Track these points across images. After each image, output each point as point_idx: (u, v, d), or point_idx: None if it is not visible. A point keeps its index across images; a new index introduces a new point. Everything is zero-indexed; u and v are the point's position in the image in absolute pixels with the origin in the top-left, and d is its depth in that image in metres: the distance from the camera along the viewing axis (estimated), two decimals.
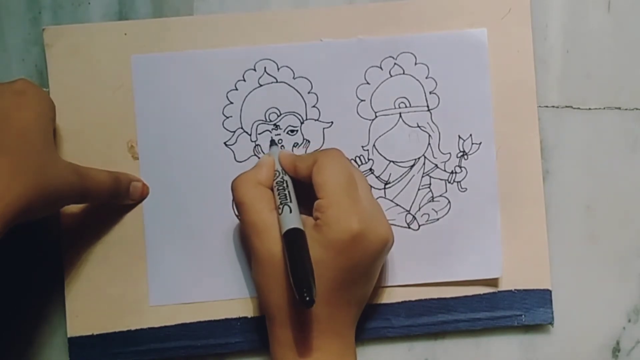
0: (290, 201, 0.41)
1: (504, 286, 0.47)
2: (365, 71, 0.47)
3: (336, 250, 0.39)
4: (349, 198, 0.40)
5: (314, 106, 0.47)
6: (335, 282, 0.40)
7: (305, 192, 0.42)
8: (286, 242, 0.39)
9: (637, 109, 0.48)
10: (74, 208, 0.46)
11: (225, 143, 0.47)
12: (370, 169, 0.47)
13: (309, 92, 0.47)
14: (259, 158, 0.47)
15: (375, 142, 0.47)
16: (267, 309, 0.42)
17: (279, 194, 0.42)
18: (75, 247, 0.46)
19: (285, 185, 0.42)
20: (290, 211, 0.40)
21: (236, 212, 0.46)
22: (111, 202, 0.45)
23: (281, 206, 0.41)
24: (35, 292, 0.46)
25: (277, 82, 0.47)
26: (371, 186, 0.47)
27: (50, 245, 0.46)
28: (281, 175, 0.43)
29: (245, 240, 0.42)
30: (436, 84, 0.47)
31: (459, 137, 0.47)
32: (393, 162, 0.47)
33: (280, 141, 0.47)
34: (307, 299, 0.36)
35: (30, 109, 0.40)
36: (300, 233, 0.39)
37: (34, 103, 0.41)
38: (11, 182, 0.36)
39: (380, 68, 0.47)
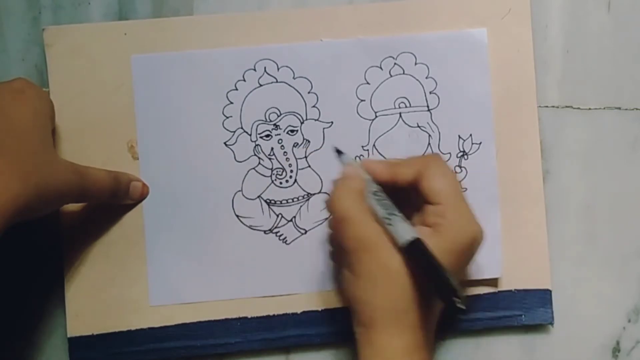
0: (398, 211, 0.40)
1: (504, 286, 0.47)
2: (365, 71, 0.47)
3: (458, 253, 0.40)
4: (464, 201, 0.41)
5: (314, 106, 0.47)
6: None
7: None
8: (414, 253, 0.38)
9: (637, 109, 0.48)
10: (74, 208, 0.46)
11: (225, 143, 0.47)
12: None
13: (309, 92, 0.47)
14: (259, 158, 0.47)
15: (375, 142, 0.47)
16: (370, 320, 0.40)
17: (381, 205, 0.40)
18: (75, 247, 0.46)
19: (383, 194, 0.41)
20: (403, 221, 0.39)
21: (242, 219, 0.46)
22: (111, 201, 0.45)
23: (390, 217, 0.40)
24: (35, 292, 0.46)
25: (277, 82, 0.47)
26: None
27: (51, 245, 0.46)
28: (374, 184, 0.41)
29: (343, 255, 0.41)
30: (436, 84, 0.47)
31: (459, 137, 0.47)
32: None
33: (280, 141, 0.47)
34: (462, 307, 0.36)
35: (29, 108, 0.40)
36: (423, 243, 0.38)
37: (33, 102, 0.41)
38: (10, 181, 0.36)
39: (380, 68, 0.47)
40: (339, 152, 0.44)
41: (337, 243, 0.42)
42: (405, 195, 0.42)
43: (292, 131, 0.47)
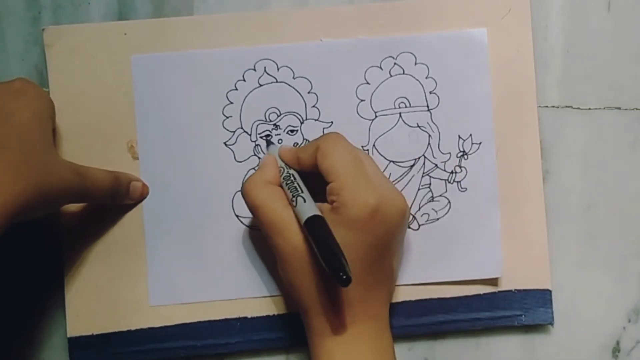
0: (302, 192, 0.41)
1: (504, 286, 0.47)
2: (365, 71, 0.47)
3: (358, 228, 0.40)
4: (360, 176, 0.41)
5: (313, 106, 0.47)
6: (361, 262, 0.40)
7: (312, 182, 0.42)
8: (309, 229, 0.39)
9: (637, 109, 0.48)
10: (74, 208, 0.46)
11: (225, 143, 0.47)
12: None
13: (309, 92, 0.47)
14: (259, 158, 0.47)
15: (375, 142, 0.47)
16: (300, 302, 0.41)
17: (288, 188, 0.42)
18: (75, 247, 0.46)
19: (293, 178, 0.42)
20: (305, 201, 0.40)
21: (242, 219, 0.46)
22: (111, 202, 0.45)
23: (294, 199, 0.41)
24: (35, 292, 0.46)
25: (277, 82, 0.47)
26: None
27: (51, 245, 0.46)
28: (286, 170, 0.43)
29: (267, 241, 0.42)
30: (436, 84, 0.47)
31: (459, 137, 0.47)
32: (393, 162, 0.47)
33: (280, 141, 0.47)
34: (345, 277, 0.36)
35: (30, 107, 0.40)
36: (320, 218, 0.39)
37: (33, 102, 0.41)
38: (10, 180, 0.36)
39: (380, 68, 0.47)
40: (268, 142, 0.46)
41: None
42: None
43: (292, 131, 0.47)
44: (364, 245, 0.40)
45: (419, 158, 0.47)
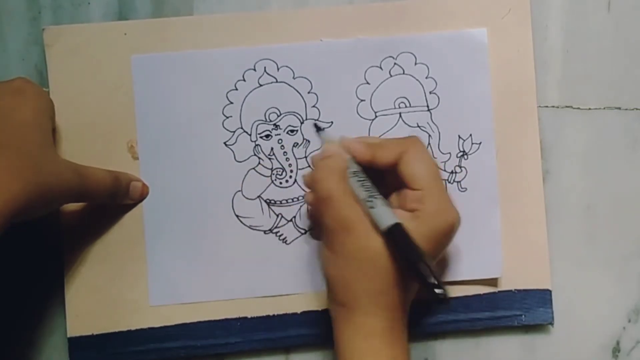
0: (378, 194, 0.40)
1: (504, 286, 0.47)
2: (365, 71, 0.47)
3: (436, 240, 0.40)
4: (443, 189, 0.41)
5: (314, 106, 0.47)
6: None
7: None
8: (394, 237, 0.38)
9: (637, 109, 0.48)
10: (74, 208, 0.46)
11: (225, 143, 0.47)
12: None
13: (309, 92, 0.47)
14: (259, 158, 0.47)
15: None
16: (348, 300, 0.40)
17: (362, 185, 0.40)
18: (75, 247, 0.46)
19: (364, 175, 0.41)
20: (385, 204, 0.40)
21: (242, 219, 0.46)
22: (110, 201, 0.45)
23: (371, 199, 0.39)
24: (35, 292, 0.46)
25: (277, 82, 0.47)
26: None
27: (51, 246, 0.46)
28: (355, 165, 0.41)
29: (325, 234, 0.41)
30: (436, 84, 0.47)
31: (459, 137, 0.47)
32: None
33: (280, 141, 0.47)
34: (443, 296, 0.36)
35: (29, 107, 0.40)
36: (403, 228, 0.38)
37: (33, 101, 0.41)
38: (10, 179, 0.36)
39: (380, 68, 0.47)
40: (318, 127, 0.45)
41: (318, 220, 0.42)
42: (382, 175, 0.42)
43: (292, 131, 0.47)
44: (431, 256, 0.40)
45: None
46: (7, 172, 0.36)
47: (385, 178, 0.42)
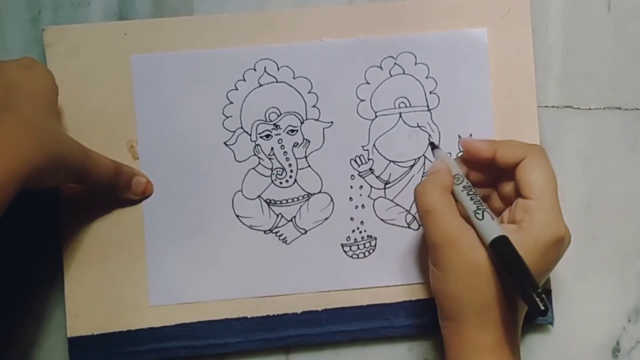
0: (486, 206, 0.40)
1: None
2: (365, 71, 0.47)
3: (540, 254, 0.39)
4: (556, 202, 0.40)
5: (314, 106, 0.47)
6: None
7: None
8: (498, 250, 0.38)
9: (637, 109, 0.48)
10: (74, 208, 0.46)
11: (225, 143, 0.47)
12: (370, 169, 0.47)
13: (309, 92, 0.47)
14: (259, 158, 0.47)
15: (375, 142, 0.47)
16: (458, 314, 0.40)
17: (471, 199, 0.40)
18: (76, 247, 0.46)
19: (473, 189, 0.41)
20: (492, 217, 0.39)
21: (242, 219, 0.46)
22: (111, 190, 0.45)
23: (479, 211, 0.39)
24: (35, 292, 0.46)
25: (277, 82, 0.47)
26: (371, 186, 0.47)
27: (51, 245, 0.46)
28: (464, 179, 0.42)
29: (430, 249, 0.41)
30: (436, 84, 0.47)
31: (459, 137, 0.47)
32: (393, 162, 0.47)
33: (280, 141, 0.47)
34: (543, 308, 0.35)
35: (38, 81, 0.41)
36: (507, 241, 0.38)
37: (41, 77, 0.42)
38: (26, 141, 0.36)
39: (380, 68, 0.47)
40: (433, 145, 0.45)
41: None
42: (496, 190, 0.42)
43: (292, 131, 0.47)
44: (537, 271, 0.39)
45: (419, 158, 0.47)
46: (24, 134, 0.37)
47: (499, 192, 0.43)
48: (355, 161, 0.47)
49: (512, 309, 0.40)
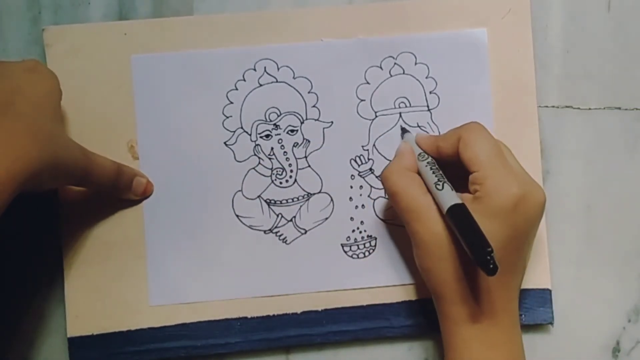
0: (446, 180, 0.41)
1: None
2: (365, 71, 0.47)
3: (500, 218, 0.40)
4: (503, 166, 0.41)
5: (314, 106, 0.47)
6: (501, 251, 0.40)
7: (446, 172, 0.42)
8: (452, 218, 0.39)
9: (637, 109, 0.48)
10: (75, 208, 0.46)
11: (225, 143, 0.47)
12: (370, 169, 0.47)
13: (309, 92, 0.47)
14: (259, 158, 0.47)
15: (375, 141, 0.47)
16: (435, 289, 0.42)
17: (433, 173, 0.42)
18: (76, 247, 0.46)
19: (435, 164, 0.43)
20: (451, 188, 0.40)
21: (242, 219, 0.46)
22: (112, 191, 0.45)
23: (440, 183, 0.41)
24: (35, 292, 0.46)
25: (277, 82, 0.47)
26: (371, 186, 0.47)
27: (51, 245, 0.46)
28: (427, 156, 0.43)
29: (406, 227, 0.42)
30: (436, 84, 0.47)
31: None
32: None
33: (280, 141, 0.47)
34: (491, 266, 0.36)
35: (42, 84, 0.41)
36: (463, 207, 0.39)
37: (45, 80, 0.42)
38: (27, 143, 0.36)
39: (380, 68, 0.47)
40: (404, 130, 0.46)
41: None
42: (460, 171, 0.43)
43: (292, 131, 0.47)
44: (504, 236, 0.40)
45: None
46: (25, 137, 0.37)
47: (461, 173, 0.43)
48: (355, 161, 0.47)
49: (486, 280, 0.40)
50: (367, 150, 0.47)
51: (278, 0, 0.48)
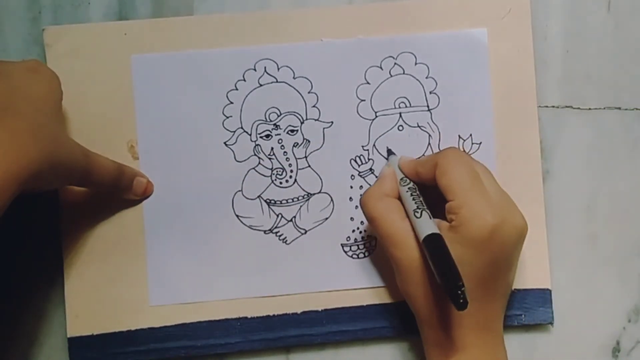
0: (426, 209, 0.41)
1: None
2: (365, 71, 0.47)
3: (476, 247, 0.40)
4: (478, 194, 0.40)
5: (314, 106, 0.47)
6: (478, 279, 0.40)
7: (430, 195, 0.42)
8: (427, 248, 0.39)
9: (637, 109, 0.48)
10: (75, 208, 0.46)
11: (225, 143, 0.47)
12: (370, 169, 0.47)
13: (309, 92, 0.47)
14: (259, 158, 0.47)
15: (375, 142, 0.47)
16: (416, 312, 0.43)
17: (413, 200, 0.42)
18: (76, 247, 0.46)
19: (417, 191, 0.42)
20: (429, 217, 0.40)
21: (242, 219, 0.46)
22: (113, 191, 0.45)
23: (419, 211, 0.41)
24: (35, 293, 0.46)
25: (277, 82, 0.47)
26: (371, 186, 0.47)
27: (51, 245, 0.46)
28: (409, 181, 0.43)
29: (385, 251, 0.43)
30: (436, 84, 0.47)
31: (459, 137, 0.47)
32: None
33: (280, 141, 0.47)
34: (461, 301, 0.36)
35: (43, 84, 0.41)
36: (438, 237, 0.39)
37: (46, 80, 0.42)
38: (28, 142, 0.36)
39: (380, 68, 0.47)
40: (389, 152, 0.46)
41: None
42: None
43: (292, 131, 0.47)
44: (481, 264, 0.40)
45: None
46: (25, 137, 0.36)
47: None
48: (355, 161, 0.47)
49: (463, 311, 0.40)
50: (367, 150, 0.47)
51: (278, 0, 0.48)
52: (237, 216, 0.47)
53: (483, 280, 0.40)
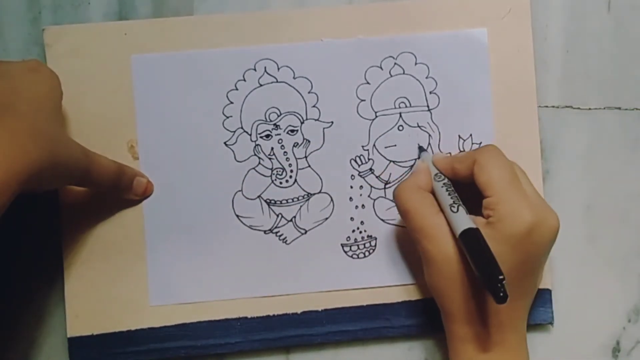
0: (461, 203, 0.41)
1: None
2: (365, 71, 0.47)
3: (512, 244, 0.40)
4: (517, 191, 0.41)
5: (314, 106, 0.47)
6: (511, 276, 0.39)
7: (463, 192, 0.43)
8: (465, 242, 0.39)
9: (637, 109, 0.48)
10: (75, 208, 0.46)
11: (225, 143, 0.47)
12: (370, 169, 0.47)
13: (309, 92, 0.47)
14: (259, 158, 0.47)
15: (375, 142, 0.47)
16: (443, 307, 0.42)
17: (449, 195, 0.42)
18: (76, 247, 0.46)
19: (452, 186, 0.43)
20: (465, 212, 0.41)
21: (242, 219, 0.46)
22: (113, 191, 0.45)
23: (455, 206, 0.41)
24: (35, 292, 0.46)
25: (277, 82, 0.47)
26: (371, 186, 0.47)
27: (51, 245, 0.46)
28: (443, 177, 0.43)
29: (415, 245, 0.43)
30: (436, 84, 0.47)
31: (459, 137, 0.47)
32: (393, 162, 0.47)
33: (280, 141, 0.47)
34: (502, 294, 0.36)
35: (43, 84, 0.41)
36: (477, 232, 0.39)
37: (47, 80, 0.42)
38: (28, 142, 0.36)
39: (380, 68, 0.47)
40: (421, 149, 0.47)
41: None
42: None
43: (292, 131, 0.47)
44: (514, 262, 0.40)
45: (419, 158, 0.47)
46: (25, 136, 0.36)
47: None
48: (355, 161, 0.47)
49: (494, 303, 0.40)
50: (367, 150, 0.47)
51: (278, 0, 0.48)
52: (237, 216, 0.47)
53: (515, 278, 0.40)
